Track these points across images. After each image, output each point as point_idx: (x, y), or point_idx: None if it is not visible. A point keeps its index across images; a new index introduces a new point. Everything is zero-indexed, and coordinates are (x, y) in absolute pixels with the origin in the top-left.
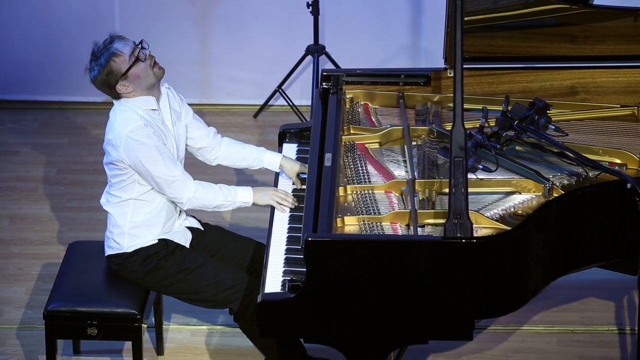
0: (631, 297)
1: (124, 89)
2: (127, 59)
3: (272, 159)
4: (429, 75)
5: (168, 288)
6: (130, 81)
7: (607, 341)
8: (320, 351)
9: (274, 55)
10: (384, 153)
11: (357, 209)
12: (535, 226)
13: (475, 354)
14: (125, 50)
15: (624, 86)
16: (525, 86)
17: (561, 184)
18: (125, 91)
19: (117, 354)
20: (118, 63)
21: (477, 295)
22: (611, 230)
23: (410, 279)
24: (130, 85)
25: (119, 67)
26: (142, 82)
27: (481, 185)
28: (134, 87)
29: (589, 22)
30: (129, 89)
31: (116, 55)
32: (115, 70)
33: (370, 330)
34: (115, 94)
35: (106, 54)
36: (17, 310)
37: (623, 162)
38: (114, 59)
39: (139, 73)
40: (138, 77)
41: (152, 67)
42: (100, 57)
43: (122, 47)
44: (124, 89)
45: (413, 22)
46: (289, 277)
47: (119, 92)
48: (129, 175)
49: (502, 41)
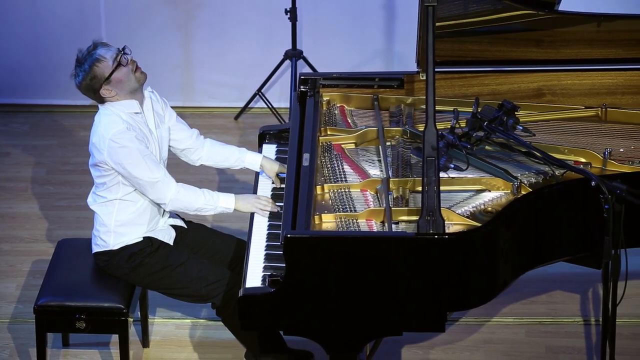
0: (596, 290)
1: (108, 93)
2: (109, 64)
3: (253, 159)
4: (402, 78)
5: (153, 284)
6: (113, 85)
7: (573, 332)
8: (299, 343)
9: (253, 60)
10: (360, 153)
11: (334, 206)
12: (504, 222)
13: (447, 345)
14: (108, 55)
15: (588, 88)
16: (494, 88)
17: (529, 182)
18: (109, 95)
19: (104, 346)
20: (101, 68)
21: (449, 288)
22: (576, 226)
23: (385, 273)
24: (114, 89)
25: (102, 72)
26: (125, 86)
27: (453, 183)
28: (117, 91)
29: (554, 28)
30: (112, 92)
31: (99, 60)
32: (99, 75)
33: (347, 323)
34: (99, 98)
35: (89, 60)
36: (9, 305)
37: (588, 160)
38: (97, 64)
39: (122, 77)
40: (120, 82)
41: (134, 72)
42: (84, 63)
43: (104, 53)
44: (107, 93)
45: (387, 28)
46: (269, 272)
47: (103, 97)
48: (113, 177)
49: (471, 46)
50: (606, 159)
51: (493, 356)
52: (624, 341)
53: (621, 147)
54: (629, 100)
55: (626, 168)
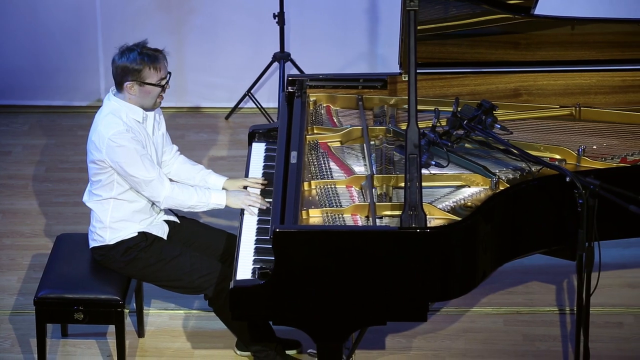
0: (570, 281)
1: (129, 90)
2: (155, 78)
3: (215, 181)
4: (385, 79)
5: (148, 276)
6: (139, 91)
7: (549, 321)
8: (288, 332)
9: (243, 62)
10: (345, 151)
11: (321, 202)
12: (483, 217)
13: (429, 334)
14: (162, 71)
15: (562, 88)
16: (473, 89)
17: (507, 178)
18: (129, 91)
19: (101, 336)
20: (150, 72)
21: (431, 280)
22: (552, 220)
23: (369, 266)
24: (137, 93)
25: (146, 75)
26: (145, 100)
27: (434, 179)
28: (136, 95)
29: (530, 31)
30: (133, 93)
31: (156, 67)
32: (142, 76)
33: (333, 313)
34: (119, 84)
35: (152, 58)
36: (10, 297)
37: (562, 157)
38: (150, 67)
39: (149, 92)
40: (147, 94)
41: (158, 97)
42: (146, 55)
43: (162, 67)
44: (129, 89)
45: (370, 31)
46: (259, 265)
47: (123, 88)
48: (109, 175)
49: (452, 48)
50: (580, 156)
51: (473, 344)
52: (597, 329)
53: (594, 145)
54: (602, 100)
55: (599, 164)
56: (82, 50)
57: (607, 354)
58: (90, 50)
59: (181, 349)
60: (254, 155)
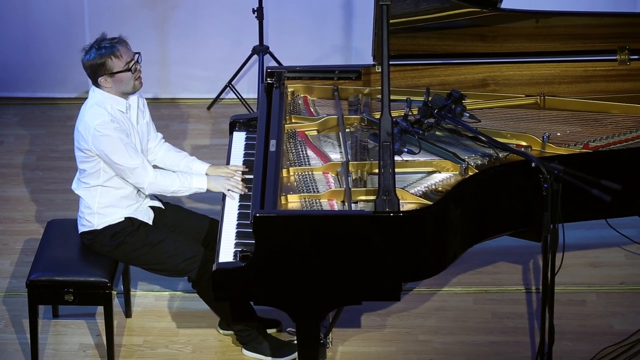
0: (536, 261)
1: (104, 83)
2: (121, 64)
3: (199, 167)
4: (359, 71)
5: (134, 260)
6: (113, 81)
7: (516, 299)
8: (268, 312)
9: (224, 55)
10: (322, 139)
11: (299, 188)
12: (453, 201)
13: (402, 313)
14: (125, 56)
15: (528, 78)
16: (443, 79)
17: (475, 164)
18: (105, 85)
19: (90, 317)
20: (113, 62)
21: (404, 261)
22: (519, 203)
23: (345, 248)
24: (112, 83)
25: (111, 65)
26: (121, 87)
27: (406, 166)
28: (113, 86)
29: (497, 24)
30: (108, 85)
31: (115, 55)
32: (107, 67)
33: (311, 294)
34: (94, 81)
35: (108, 50)
36: (3, 280)
37: (528, 144)
38: (112, 57)
39: (123, 79)
40: (121, 82)
41: (135, 79)
42: (103, 48)
43: (124, 52)
44: (104, 83)
45: (345, 25)
46: (240, 248)
47: (99, 83)
48: (95, 163)
49: (422, 40)
50: (545, 143)
51: (444, 322)
52: (561, 307)
53: (558, 132)
54: (565, 89)
55: (563, 150)
56: (71, 45)
57: (571, 329)
58: (79, 45)
59: (166, 329)
60: (234, 144)
